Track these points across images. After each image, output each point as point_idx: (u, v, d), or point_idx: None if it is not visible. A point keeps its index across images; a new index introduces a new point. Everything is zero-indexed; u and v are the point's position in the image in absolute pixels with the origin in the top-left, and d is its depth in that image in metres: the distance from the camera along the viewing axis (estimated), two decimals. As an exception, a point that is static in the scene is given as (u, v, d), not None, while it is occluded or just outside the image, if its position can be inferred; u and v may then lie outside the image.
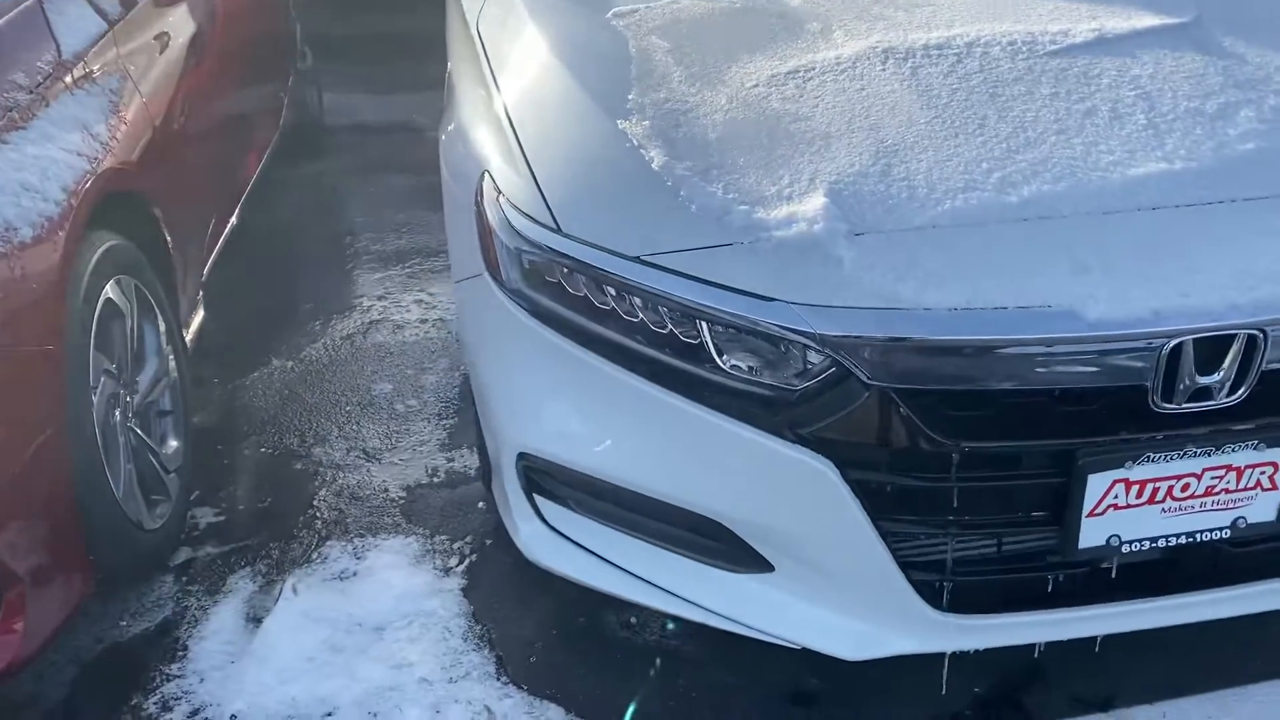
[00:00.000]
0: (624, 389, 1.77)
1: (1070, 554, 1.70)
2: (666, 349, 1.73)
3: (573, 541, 1.97)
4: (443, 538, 2.50)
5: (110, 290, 2.28)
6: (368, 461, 2.79)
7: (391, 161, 5.00)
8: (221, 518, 2.62)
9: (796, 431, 1.66)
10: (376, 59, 5.94)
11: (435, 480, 2.72)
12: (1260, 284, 1.58)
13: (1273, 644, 2.08)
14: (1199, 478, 1.67)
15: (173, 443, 2.61)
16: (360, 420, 2.97)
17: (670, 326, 1.72)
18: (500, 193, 1.93)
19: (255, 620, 2.28)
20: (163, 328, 2.59)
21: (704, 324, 1.69)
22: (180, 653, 2.21)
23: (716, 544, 1.81)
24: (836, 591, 1.77)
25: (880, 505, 1.67)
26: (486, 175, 2.01)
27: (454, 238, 2.18)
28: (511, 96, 2.14)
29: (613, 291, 1.75)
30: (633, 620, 2.23)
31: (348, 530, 2.54)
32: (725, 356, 1.70)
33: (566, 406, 1.84)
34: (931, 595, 1.74)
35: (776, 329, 1.61)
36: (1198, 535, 1.72)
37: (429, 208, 4.42)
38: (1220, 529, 1.72)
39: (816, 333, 1.59)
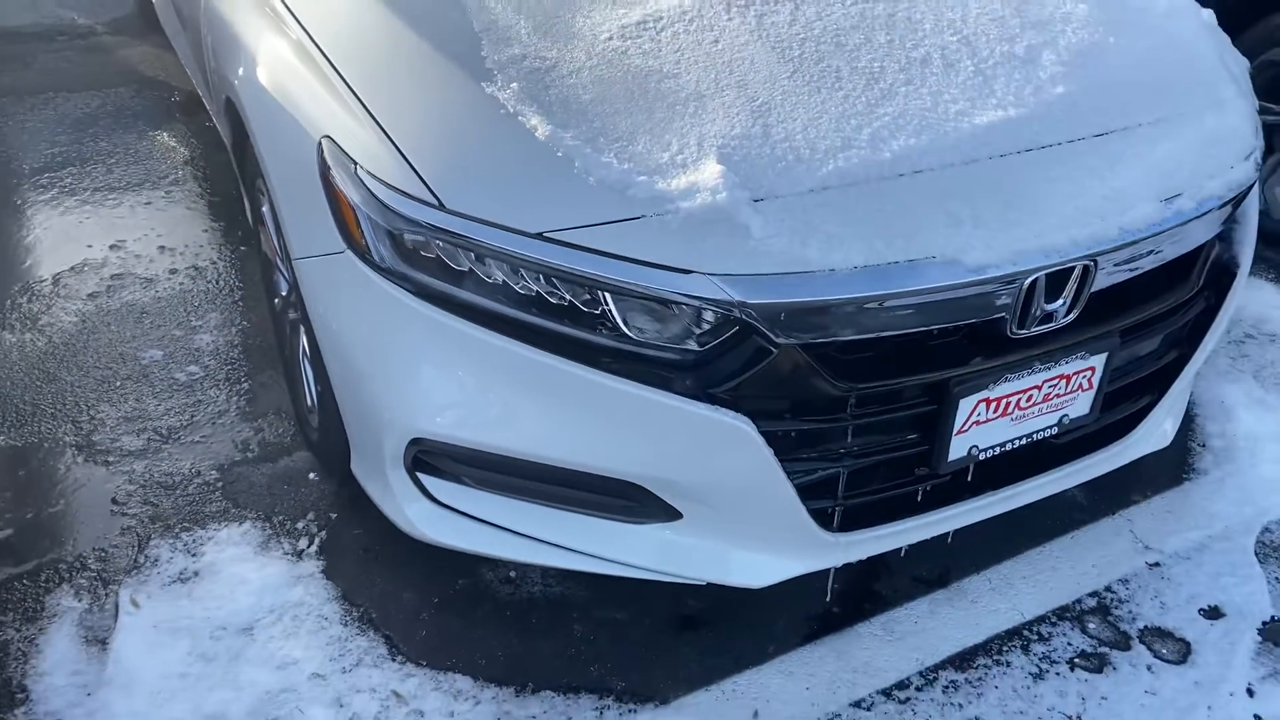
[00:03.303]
0: (526, 364, 1.75)
1: (940, 467, 1.91)
2: (568, 321, 1.73)
3: (467, 515, 1.95)
4: (281, 518, 2.37)
5: None
6: (165, 443, 2.56)
7: (63, 77, 4.40)
8: (8, 531, 2.32)
9: (709, 392, 1.73)
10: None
11: (250, 455, 2.55)
12: (1090, 220, 1.81)
13: (1049, 507, 2.44)
14: (1039, 388, 1.92)
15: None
16: (139, 396, 2.70)
17: (569, 298, 1.71)
18: (356, 164, 1.80)
19: (99, 643, 2.08)
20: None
21: (606, 294, 1.70)
22: (20, 696, 1.98)
23: (623, 501, 1.87)
24: (741, 529, 1.89)
25: (786, 449, 1.79)
26: (327, 143, 1.86)
27: (288, 209, 2.00)
28: (334, 48, 1.97)
29: (506, 267, 1.71)
30: (511, 574, 2.25)
31: (170, 526, 2.34)
32: (629, 324, 1.72)
33: (464, 387, 1.79)
34: (824, 520, 1.90)
35: (696, 301, 1.65)
36: (1034, 435, 1.99)
37: (131, 130, 3.98)
38: (1050, 427, 2.00)
39: (737, 300, 1.64)
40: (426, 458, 1.90)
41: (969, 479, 2.01)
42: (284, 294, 2.53)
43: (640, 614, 2.18)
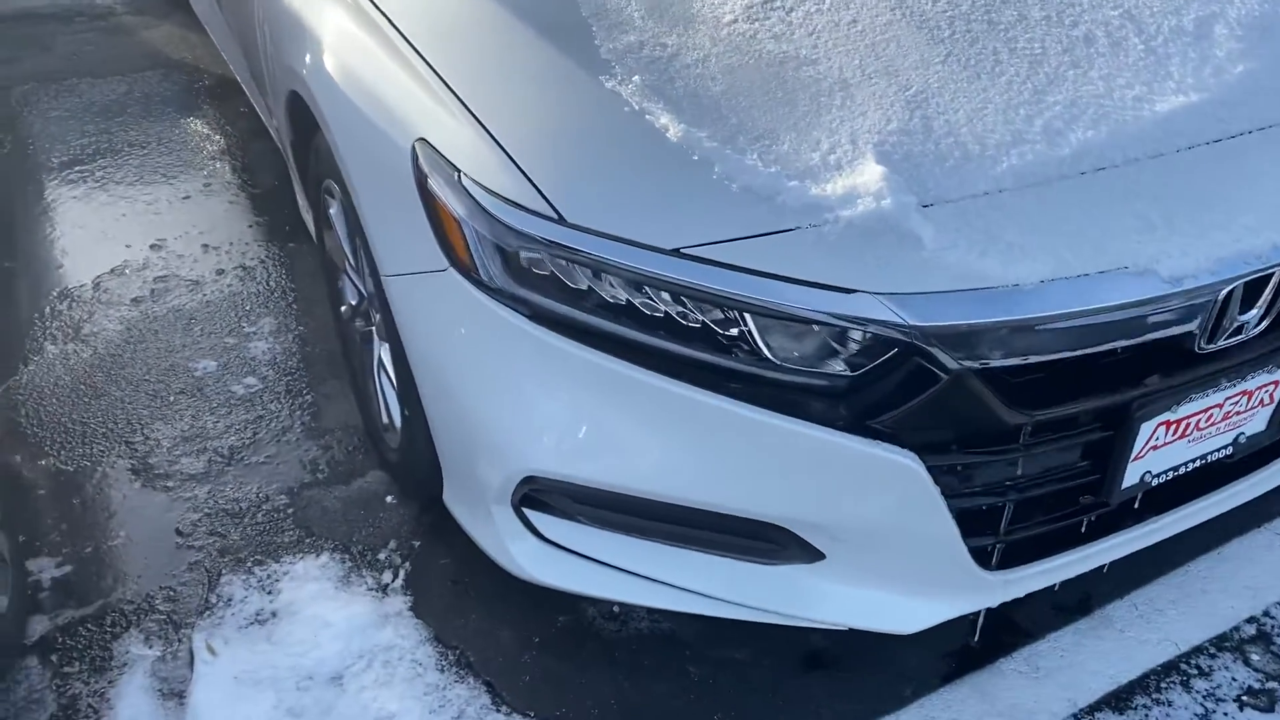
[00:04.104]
0: (656, 395, 1.55)
1: (1113, 497, 1.71)
2: (702, 345, 1.53)
3: (578, 554, 1.76)
4: (360, 548, 2.18)
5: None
6: (228, 465, 2.37)
7: (86, 61, 4.18)
8: (69, 568, 2.14)
9: (868, 425, 1.53)
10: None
11: (320, 476, 2.36)
12: (1289, 219, 1.60)
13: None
14: (1220, 406, 1.71)
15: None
16: (195, 412, 2.50)
17: (704, 320, 1.51)
18: (459, 171, 1.60)
19: (175, 696, 1.90)
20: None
21: (748, 316, 1.50)
22: (94, 759, 1.81)
23: (760, 542, 1.68)
24: (892, 570, 1.70)
25: (953, 484, 1.60)
26: (423, 148, 1.65)
27: (375, 220, 1.80)
28: (422, 38, 1.76)
29: (632, 287, 1.51)
30: (615, 609, 2.07)
31: (241, 559, 2.15)
32: (774, 349, 1.52)
33: (586, 421, 1.60)
34: (983, 558, 1.71)
35: (860, 324, 1.45)
36: (1208, 456, 1.79)
37: (161, 118, 3.77)
38: (1225, 447, 1.80)
39: (909, 324, 1.44)
40: (536, 494, 1.71)
41: (1135, 505, 1.81)
42: (353, 303, 2.33)
43: (760, 652, 1.99)
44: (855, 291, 1.44)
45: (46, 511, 2.25)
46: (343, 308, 2.40)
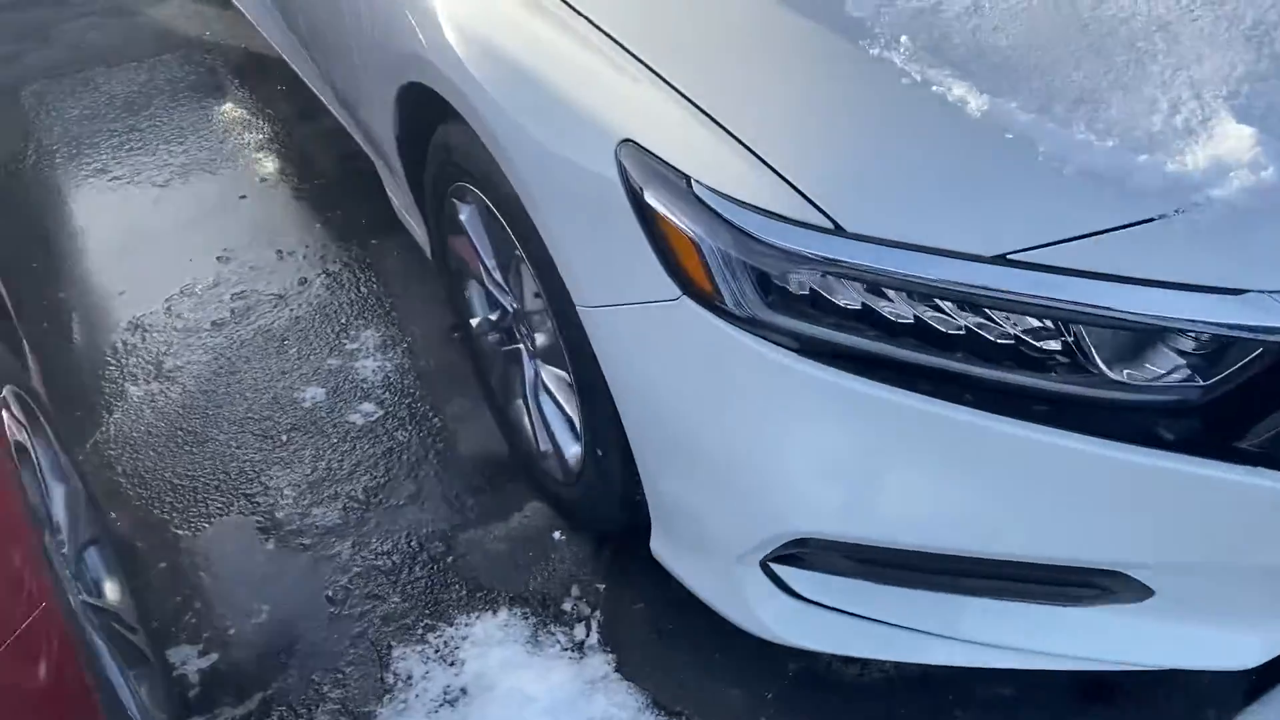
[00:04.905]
0: (969, 433, 1.26)
1: None
2: (1018, 368, 1.24)
3: (840, 611, 1.49)
4: (541, 598, 1.91)
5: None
6: (367, 511, 2.09)
7: (94, 49, 3.79)
8: (214, 656, 1.87)
9: (1236, 447, 1.24)
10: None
11: (471, 515, 2.08)
12: None
13: None
14: None
15: (110, 582, 1.79)
16: (315, 451, 2.21)
17: (1021, 336, 1.22)
18: (690, 179, 1.28)
19: (375, 807, 1.65)
20: (49, 430, 1.72)
21: (1081, 329, 1.20)
22: None
23: (1079, 588, 1.40)
24: (1232, 601, 1.43)
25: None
26: (632, 151, 1.34)
27: (565, 238, 1.48)
28: (613, 16, 1.43)
29: (921, 302, 1.22)
30: (851, 647, 1.80)
31: (409, 627, 1.88)
32: (1111, 364, 1.23)
33: (878, 470, 1.31)
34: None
35: (1253, 333, 1.15)
36: None
37: (192, 107, 3.42)
38: None
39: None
40: (798, 552, 1.43)
41: None
42: (491, 317, 2.02)
43: (1029, 686, 1.73)
44: (1245, 292, 1.14)
45: (172, 588, 1.97)
46: (474, 320, 2.09)
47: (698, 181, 1.28)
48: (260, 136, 3.26)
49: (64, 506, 1.68)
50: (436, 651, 1.84)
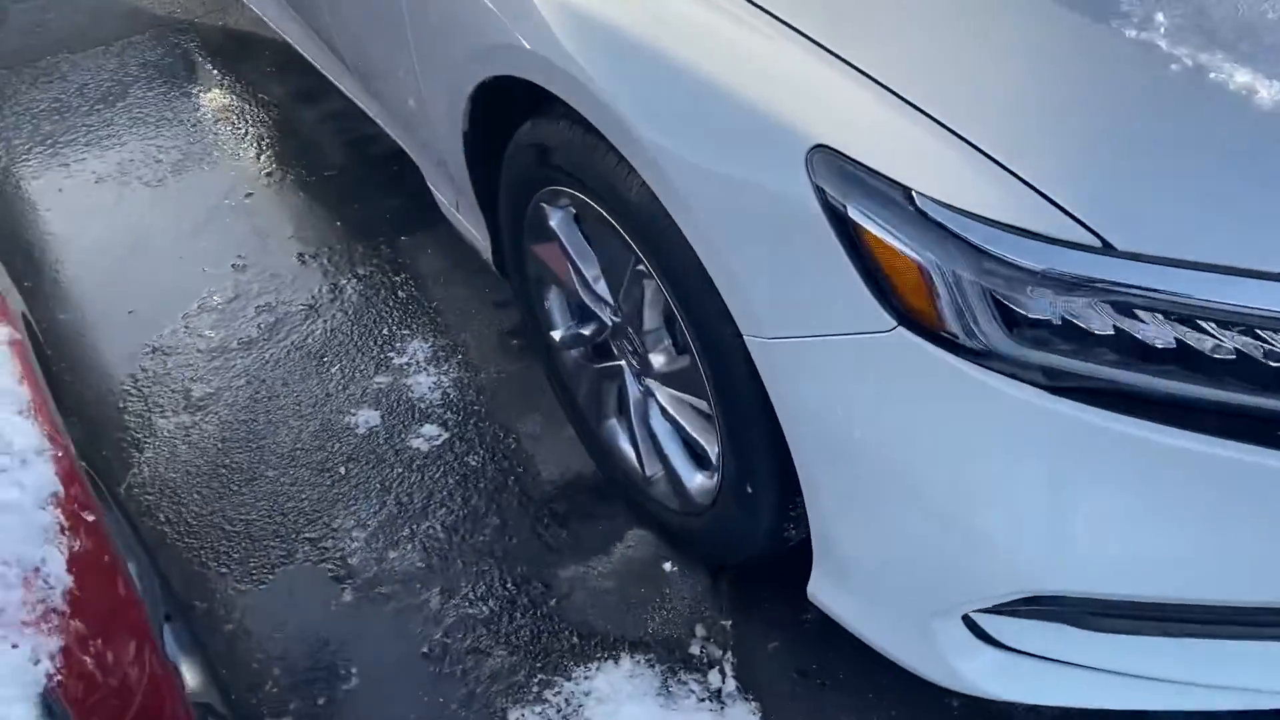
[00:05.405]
0: (1241, 471, 1.10)
1: None
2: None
3: (1054, 660, 1.33)
4: (665, 643, 1.73)
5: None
6: (449, 550, 1.89)
7: (53, 34, 3.47)
8: (305, 734, 1.67)
9: None
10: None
11: (568, 549, 1.88)
12: None
13: None
14: None
15: (188, 662, 1.57)
16: (381, 484, 2.00)
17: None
18: (912, 191, 1.09)
19: None
20: (112, 501, 1.50)
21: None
22: None
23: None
24: None
25: None
26: (829, 160, 1.14)
27: (730, 258, 1.27)
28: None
29: (1184, 325, 1.05)
30: (1016, 678, 1.65)
31: (522, 684, 1.69)
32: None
33: (1139, 520, 1.14)
34: None
35: None
36: None
37: (175, 95, 3.15)
38: None
39: None
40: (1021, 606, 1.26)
41: None
42: (584, 332, 1.81)
43: (1189, 715, 1.59)
44: None
45: (247, 652, 1.76)
46: (555, 333, 1.88)
47: (920, 194, 1.08)
48: (257, 124, 2.98)
49: (139, 583, 1.46)
50: (559, 711, 1.65)
